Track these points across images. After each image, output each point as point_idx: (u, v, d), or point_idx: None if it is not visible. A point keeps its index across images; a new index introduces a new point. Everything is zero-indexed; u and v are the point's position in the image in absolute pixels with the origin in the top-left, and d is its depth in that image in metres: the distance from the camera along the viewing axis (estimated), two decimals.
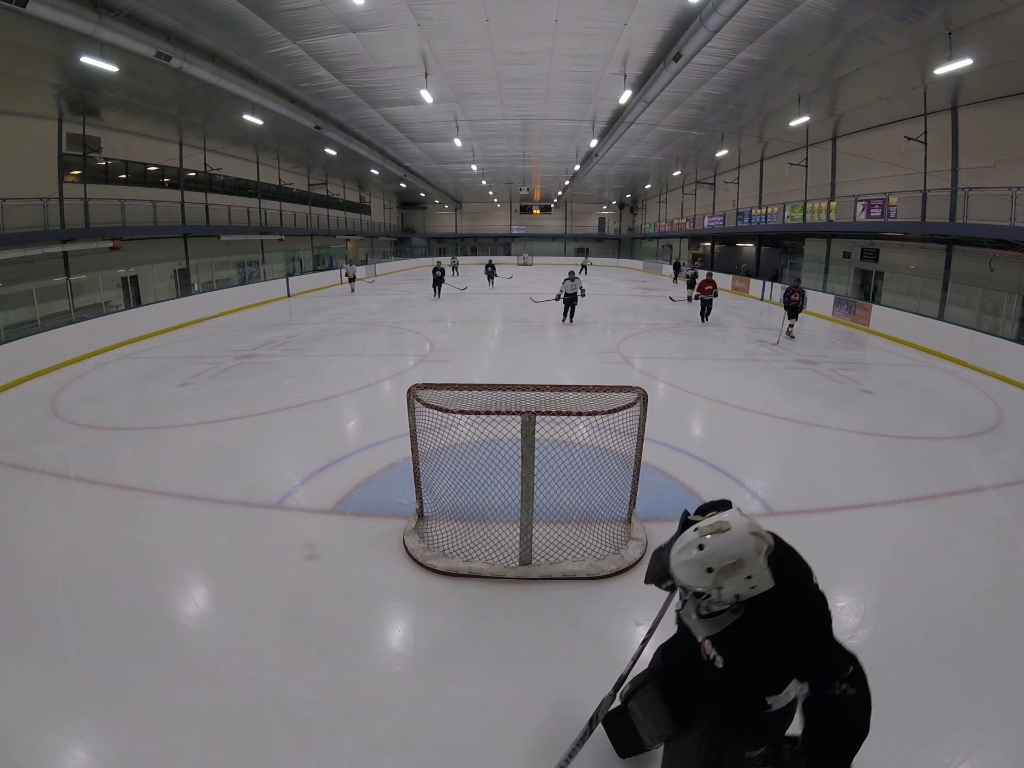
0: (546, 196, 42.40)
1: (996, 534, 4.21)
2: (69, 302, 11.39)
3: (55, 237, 13.02)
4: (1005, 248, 11.43)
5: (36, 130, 12.92)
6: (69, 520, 4.32)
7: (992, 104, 11.71)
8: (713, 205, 27.34)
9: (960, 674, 2.81)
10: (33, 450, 5.72)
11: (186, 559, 3.84)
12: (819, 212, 17.56)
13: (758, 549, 1.41)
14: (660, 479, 4.96)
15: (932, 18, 9.15)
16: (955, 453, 5.78)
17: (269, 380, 8.45)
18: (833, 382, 8.52)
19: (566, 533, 3.89)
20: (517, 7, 10.47)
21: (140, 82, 12.28)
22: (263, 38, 11.29)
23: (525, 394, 3.75)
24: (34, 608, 3.27)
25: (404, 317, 15.04)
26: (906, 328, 12.19)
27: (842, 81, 12.94)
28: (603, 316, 15.88)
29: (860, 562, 3.85)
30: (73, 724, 2.51)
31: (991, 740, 2.46)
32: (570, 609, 3.27)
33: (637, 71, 13.56)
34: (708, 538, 1.44)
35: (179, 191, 17.98)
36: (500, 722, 2.55)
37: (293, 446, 5.92)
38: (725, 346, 11.59)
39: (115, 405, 7.34)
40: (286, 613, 3.26)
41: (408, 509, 4.35)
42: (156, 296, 14.76)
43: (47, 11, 7.94)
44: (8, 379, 8.26)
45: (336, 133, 18.93)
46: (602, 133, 20.00)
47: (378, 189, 37.69)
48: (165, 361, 9.99)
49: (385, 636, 3.15)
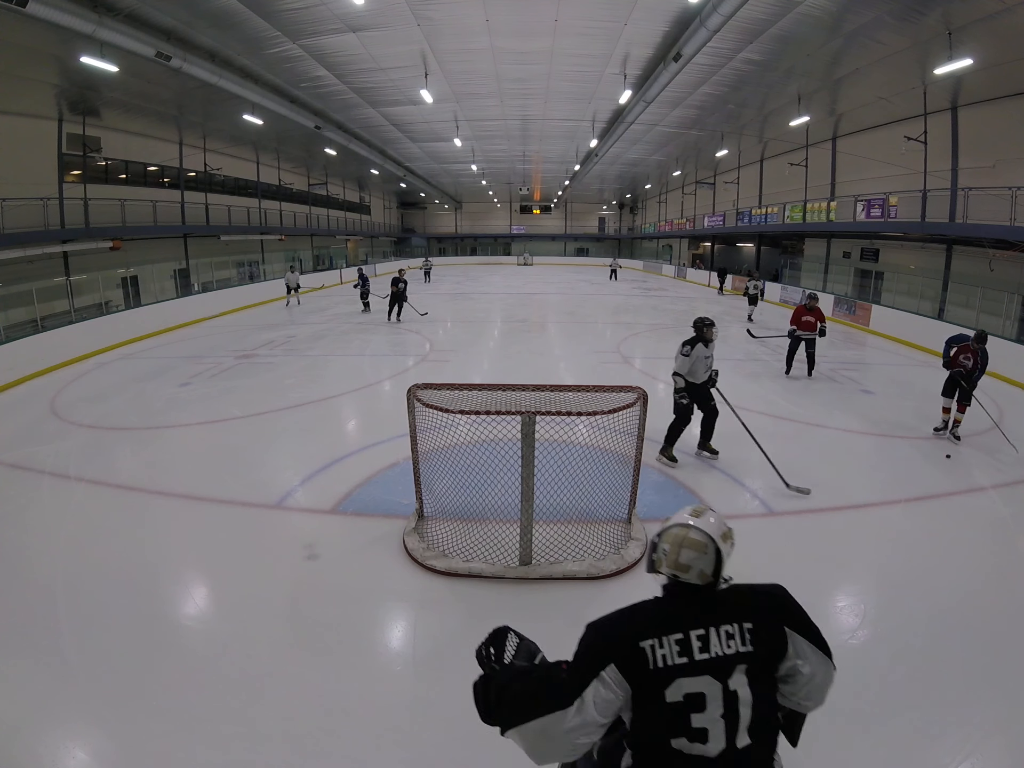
0: (546, 196, 42.39)
1: (996, 534, 4.21)
2: (69, 302, 11.39)
3: (55, 237, 13.02)
4: (1005, 248, 11.43)
5: (36, 130, 12.92)
6: (69, 520, 4.32)
7: (992, 104, 11.71)
8: (713, 205, 27.34)
9: (960, 674, 2.81)
10: (33, 450, 5.72)
11: (186, 559, 3.84)
12: (819, 212, 17.56)
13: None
14: (660, 479, 4.96)
15: (932, 18, 9.15)
16: (955, 453, 5.78)
17: (269, 380, 8.45)
18: (833, 382, 8.52)
19: (566, 533, 3.89)
20: (517, 7, 10.47)
21: (140, 82, 12.27)
22: (263, 38, 11.30)
23: (525, 394, 3.75)
24: (34, 608, 3.27)
25: (404, 316, 15.03)
26: (906, 328, 12.19)
27: (842, 81, 12.94)
28: (603, 316, 15.88)
29: (860, 562, 3.85)
30: (73, 724, 2.51)
31: (991, 740, 2.46)
32: (570, 609, 3.26)
33: (637, 71, 13.56)
34: (699, 519, 1.46)
35: (179, 191, 17.98)
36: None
37: (293, 446, 5.92)
38: (725, 346, 11.58)
39: (115, 405, 7.34)
40: (286, 613, 3.26)
41: (408, 509, 4.35)
42: (156, 296, 14.76)
43: (47, 11, 7.94)
44: (8, 379, 8.26)
45: (336, 133, 18.93)
46: (602, 133, 20.01)
47: (378, 189, 37.68)
48: (165, 361, 9.99)
49: (385, 636, 3.15)
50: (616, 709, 1.32)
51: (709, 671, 1.31)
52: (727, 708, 1.31)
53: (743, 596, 1.46)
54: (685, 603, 1.41)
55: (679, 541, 1.44)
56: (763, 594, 1.49)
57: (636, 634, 1.34)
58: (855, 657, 2.93)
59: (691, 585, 1.41)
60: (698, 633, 1.34)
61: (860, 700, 2.63)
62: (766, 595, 1.49)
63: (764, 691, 1.36)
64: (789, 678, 1.43)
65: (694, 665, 1.31)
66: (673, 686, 1.30)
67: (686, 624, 1.35)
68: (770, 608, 1.45)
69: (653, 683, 1.31)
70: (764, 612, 1.42)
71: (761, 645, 1.36)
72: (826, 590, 3.54)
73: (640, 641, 1.33)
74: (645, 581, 3.57)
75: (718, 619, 1.37)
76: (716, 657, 1.32)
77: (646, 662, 1.31)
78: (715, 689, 1.31)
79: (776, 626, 1.41)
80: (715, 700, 1.31)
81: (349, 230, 33.26)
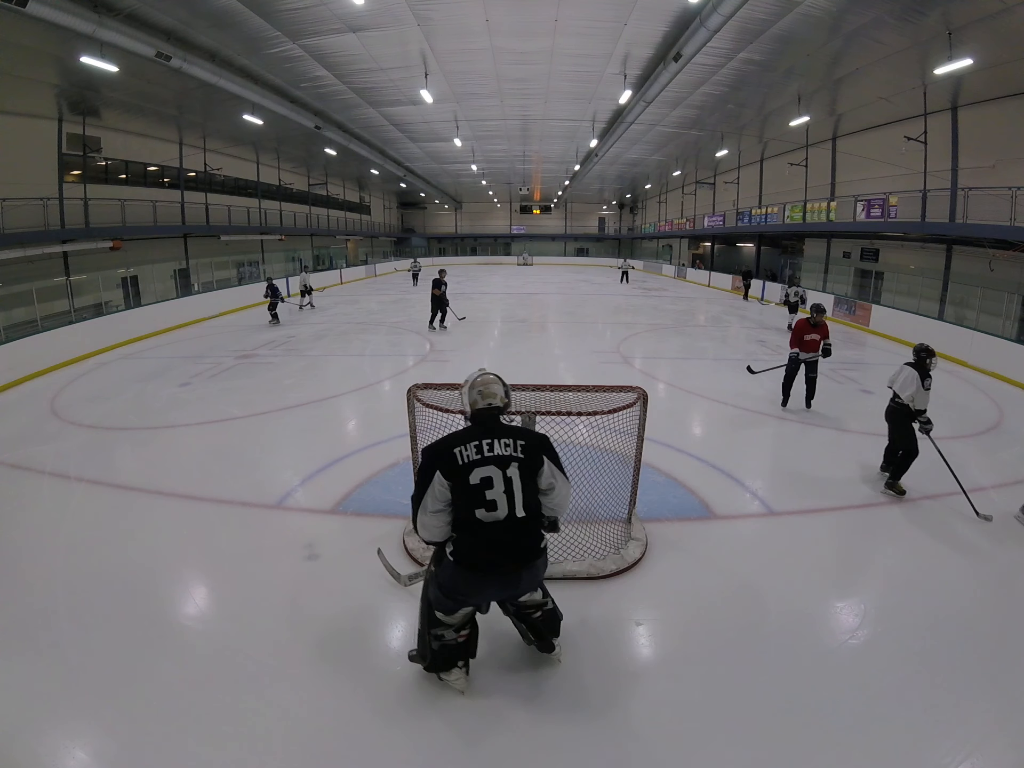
0: (546, 196, 42.39)
1: (996, 534, 4.21)
2: (69, 302, 11.38)
3: (55, 237, 13.02)
4: (1005, 248, 11.42)
5: (36, 130, 12.92)
6: (69, 520, 4.32)
7: (992, 104, 11.71)
8: (713, 205, 27.34)
9: (960, 674, 2.81)
10: (33, 450, 5.72)
11: (186, 559, 3.83)
12: (819, 212, 17.55)
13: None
14: (660, 479, 4.96)
15: (932, 18, 9.15)
16: (955, 453, 5.77)
17: (269, 380, 8.45)
18: (833, 382, 8.52)
19: (566, 533, 3.87)
20: (517, 7, 10.47)
21: (140, 82, 12.27)
22: (263, 38, 11.29)
23: (525, 394, 3.75)
24: (34, 608, 3.27)
25: (404, 317, 15.04)
26: (906, 328, 12.19)
27: (842, 81, 12.93)
28: (603, 316, 15.88)
29: (860, 562, 3.85)
30: (73, 724, 2.51)
31: (991, 740, 2.46)
32: (570, 609, 3.26)
33: (637, 71, 13.55)
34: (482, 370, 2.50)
35: (179, 191, 17.98)
36: (500, 722, 2.55)
37: (293, 446, 5.92)
38: (725, 346, 11.59)
39: (115, 405, 7.33)
40: (286, 613, 3.26)
41: (408, 509, 4.35)
42: (156, 296, 14.76)
43: (47, 11, 7.93)
44: (8, 379, 8.26)
45: (336, 133, 18.92)
46: (602, 133, 20.00)
47: (378, 189, 37.68)
48: (165, 361, 9.99)
49: (385, 636, 3.15)
50: (447, 497, 2.24)
51: (493, 463, 2.23)
52: (507, 487, 2.23)
53: (519, 428, 2.48)
54: (481, 425, 2.33)
55: (483, 380, 2.42)
56: (532, 432, 2.51)
57: (451, 446, 2.27)
58: (855, 657, 2.94)
59: (490, 411, 2.35)
60: (487, 441, 2.26)
61: (860, 700, 2.63)
62: (534, 433, 2.48)
63: (529, 485, 2.29)
64: (547, 492, 2.37)
65: (484, 460, 2.23)
66: (473, 474, 2.21)
67: (480, 436, 2.28)
68: (536, 440, 2.39)
69: (462, 474, 2.22)
70: (531, 439, 2.37)
71: (527, 456, 2.28)
72: (826, 590, 3.54)
73: (453, 449, 2.25)
74: (646, 581, 3.59)
75: (500, 435, 2.30)
76: (498, 456, 2.25)
77: (456, 461, 2.22)
78: (498, 474, 2.23)
79: (537, 450, 2.34)
80: (499, 482, 2.23)
81: (349, 230, 33.26)
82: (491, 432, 2.29)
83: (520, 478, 2.25)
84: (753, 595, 3.43)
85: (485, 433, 2.28)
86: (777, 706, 2.61)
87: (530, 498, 2.29)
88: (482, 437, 2.26)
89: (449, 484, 2.21)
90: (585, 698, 2.66)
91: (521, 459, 2.26)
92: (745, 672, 2.82)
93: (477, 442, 2.24)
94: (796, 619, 3.23)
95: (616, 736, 2.46)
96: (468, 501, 2.23)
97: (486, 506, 2.22)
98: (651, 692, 2.72)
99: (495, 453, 2.24)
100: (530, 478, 2.29)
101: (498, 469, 2.22)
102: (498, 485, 2.21)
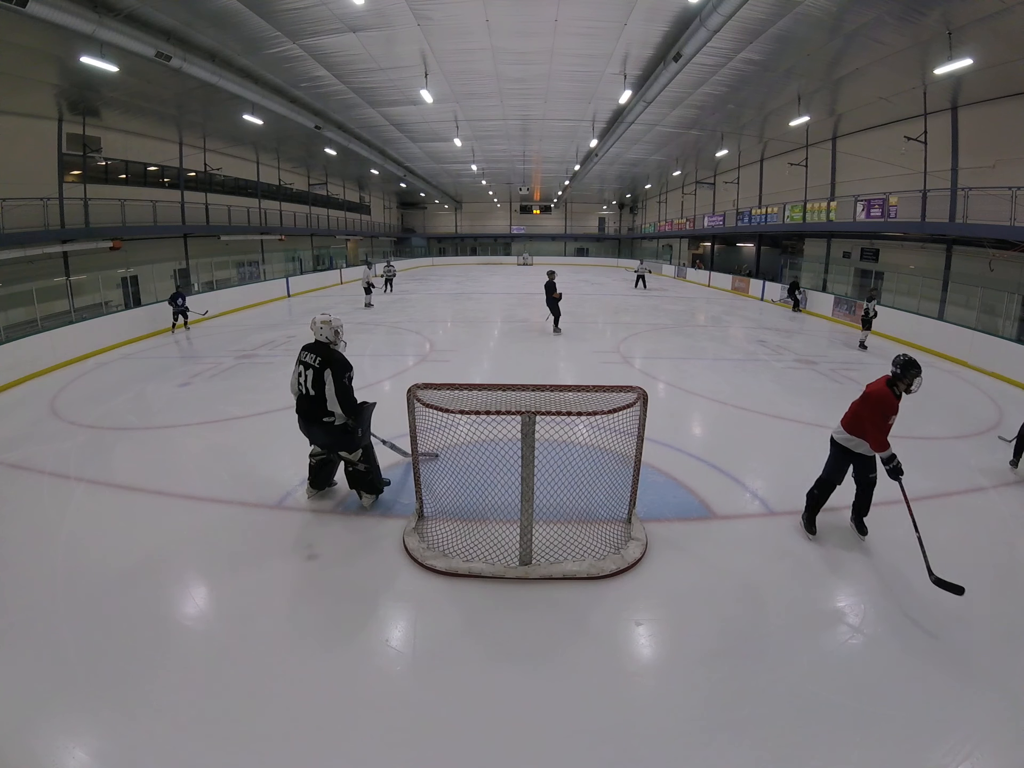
0: (546, 196, 42.38)
1: (996, 534, 4.21)
2: (69, 302, 11.37)
3: (55, 237, 13.01)
4: (1005, 248, 11.42)
5: (36, 130, 12.91)
6: (69, 520, 4.32)
7: (992, 104, 11.71)
8: (713, 205, 27.34)
9: (960, 674, 2.81)
10: (33, 450, 5.72)
11: (186, 559, 3.84)
12: (819, 212, 17.55)
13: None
14: (660, 479, 4.96)
15: (932, 18, 9.14)
16: (955, 453, 5.78)
17: (269, 380, 8.44)
18: (833, 382, 8.52)
19: (566, 533, 3.89)
20: (517, 7, 10.47)
21: (140, 82, 12.27)
22: (263, 38, 11.29)
23: (525, 394, 3.75)
24: (34, 608, 3.27)
25: (404, 317, 15.05)
26: (906, 328, 12.18)
27: (842, 81, 12.93)
28: (603, 316, 15.88)
29: (859, 562, 3.85)
30: (73, 724, 2.51)
31: (991, 740, 2.46)
32: (570, 609, 3.27)
33: (637, 71, 13.55)
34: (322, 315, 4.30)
35: (179, 191, 17.97)
36: (500, 722, 2.55)
37: (293, 446, 5.88)
38: (725, 346, 11.58)
39: (115, 405, 7.33)
40: (286, 613, 3.26)
41: (408, 509, 4.36)
42: (156, 296, 14.75)
43: (47, 11, 7.93)
44: (8, 379, 8.26)
45: (336, 133, 18.92)
46: (602, 133, 20.00)
47: (378, 189, 37.67)
48: (165, 361, 9.99)
49: (385, 636, 3.15)
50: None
51: (303, 365, 4.16)
52: (305, 379, 4.13)
53: (323, 348, 4.18)
54: (312, 347, 4.21)
55: (322, 319, 4.20)
56: (330, 352, 4.17)
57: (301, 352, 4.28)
58: (855, 657, 2.94)
59: (318, 342, 4.22)
60: (305, 354, 4.19)
61: (860, 700, 2.63)
62: (332, 354, 4.15)
63: (319, 380, 4.08)
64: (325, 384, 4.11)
65: (302, 363, 4.19)
66: (301, 368, 4.20)
67: (305, 351, 4.21)
68: (329, 356, 4.12)
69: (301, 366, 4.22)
70: (327, 355, 4.13)
71: (320, 364, 4.08)
72: (826, 590, 3.54)
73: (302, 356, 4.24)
74: (646, 581, 3.59)
75: (311, 351, 4.18)
76: (306, 361, 4.15)
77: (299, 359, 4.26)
78: (305, 370, 4.14)
79: (325, 363, 4.09)
80: (306, 374, 4.13)
81: (349, 230, 33.25)
82: (310, 350, 4.19)
83: (312, 375, 4.11)
84: (753, 595, 3.43)
85: (309, 351, 4.19)
86: (777, 706, 2.62)
87: (318, 387, 4.09)
88: (305, 352, 4.20)
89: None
90: (585, 698, 2.66)
91: (315, 366, 4.09)
92: (745, 672, 2.82)
93: (305, 353, 4.19)
94: (796, 619, 3.23)
95: (616, 736, 2.46)
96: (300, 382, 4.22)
97: (303, 388, 4.17)
98: (651, 692, 2.73)
99: (305, 360, 4.17)
100: (319, 376, 4.09)
101: (304, 368, 4.16)
102: (304, 376, 4.15)
